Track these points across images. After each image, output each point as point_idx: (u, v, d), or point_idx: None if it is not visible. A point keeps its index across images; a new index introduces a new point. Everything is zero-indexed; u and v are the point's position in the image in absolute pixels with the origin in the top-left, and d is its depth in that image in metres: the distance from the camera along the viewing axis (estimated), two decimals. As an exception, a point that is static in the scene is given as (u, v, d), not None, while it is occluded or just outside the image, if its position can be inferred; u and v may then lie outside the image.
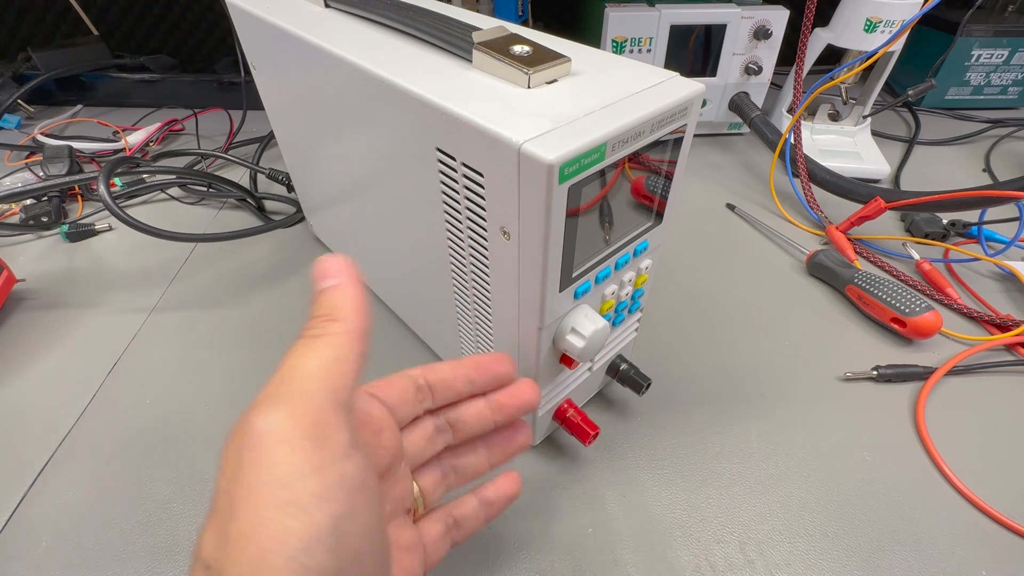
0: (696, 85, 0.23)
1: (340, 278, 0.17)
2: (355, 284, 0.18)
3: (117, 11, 0.84)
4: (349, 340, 0.16)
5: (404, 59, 0.26)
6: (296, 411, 0.15)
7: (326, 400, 0.15)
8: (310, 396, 0.15)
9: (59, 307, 0.46)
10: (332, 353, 0.16)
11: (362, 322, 0.17)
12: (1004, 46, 0.75)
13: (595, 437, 0.32)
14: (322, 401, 0.15)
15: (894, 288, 0.42)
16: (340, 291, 0.17)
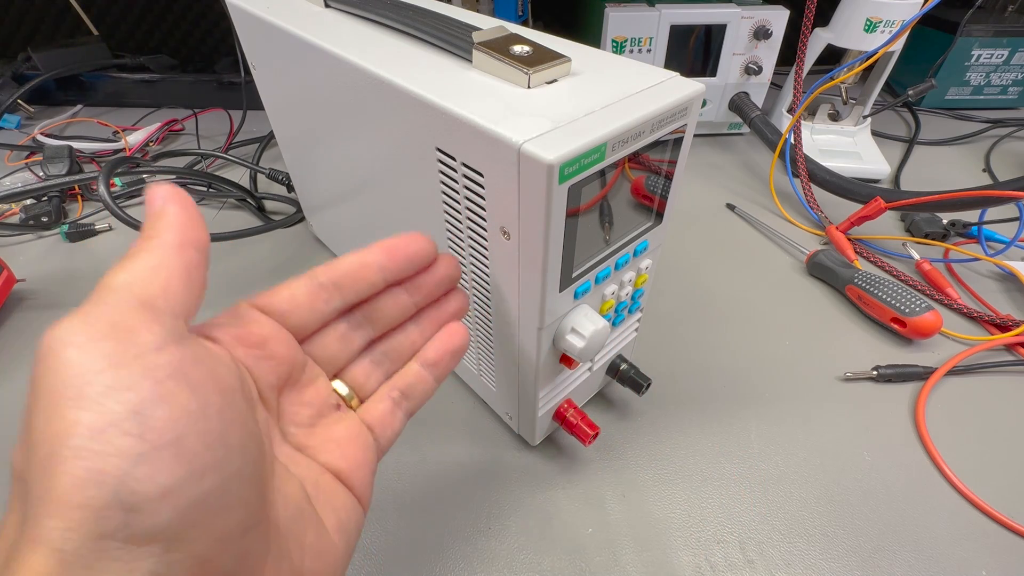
0: (696, 85, 0.23)
1: (163, 201, 0.17)
2: (177, 202, 0.17)
3: (117, 11, 0.84)
4: (164, 252, 0.16)
5: (404, 59, 0.26)
6: (89, 318, 0.14)
7: (128, 305, 0.14)
8: (108, 303, 0.14)
9: (59, 307, 0.46)
10: (143, 264, 0.16)
11: (181, 235, 0.16)
12: (1004, 46, 0.75)
13: (595, 437, 0.32)
14: (123, 305, 0.14)
15: (894, 288, 0.42)
16: (158, 210, 0.17)
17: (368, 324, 0.22)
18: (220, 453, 0.14)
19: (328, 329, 0.22)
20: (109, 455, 0.12)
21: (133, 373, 0.13)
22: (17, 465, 0.14)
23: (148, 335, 0.14)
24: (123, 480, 0.12)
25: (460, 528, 0.31)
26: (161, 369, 0.14)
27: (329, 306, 0.21)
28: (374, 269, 0.22)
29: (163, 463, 0.13)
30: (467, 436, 0.36)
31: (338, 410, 0.21)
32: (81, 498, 0.12)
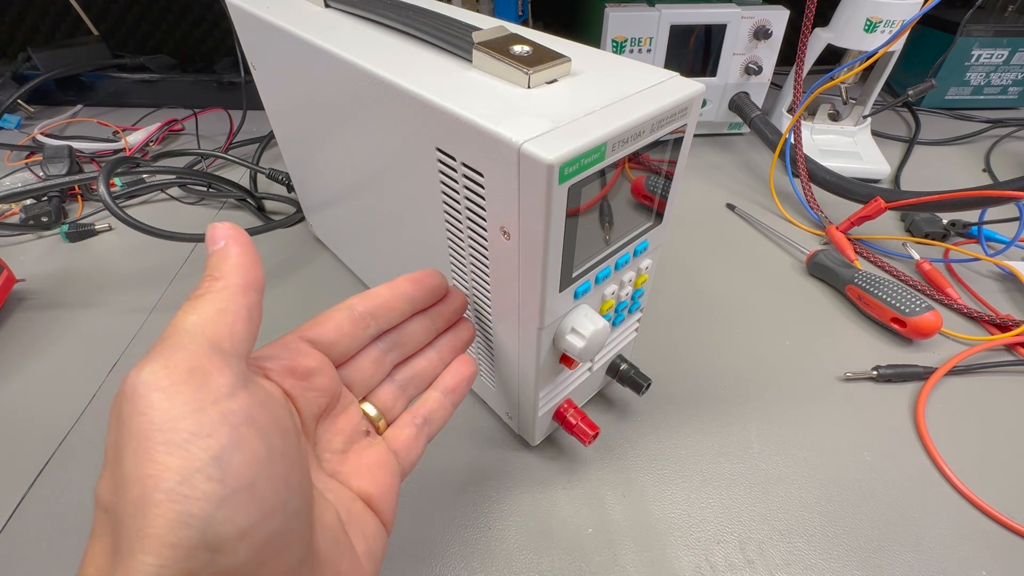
0: (696, 85, 0.23)
1: (225, 241, 0.18)
2: (239, 244, 0.18)
3: (117, 11, 0.84)
4: (230, 295, 0.17)
5: (404, 59, 0.26)
6: (170, 361, 0.15)
7: (203, 349, 0.15)
8: (185, 347, 0.15)
9: (59, 307, 0.46)
10: (212, 308, 0.16)
11: (244, 278, 0.18)
12: (1004, 46, 0.75)
13: (595, 437, 0.32)
14: (198, 350, 0.15)
15: (894, 288, 0.42)
16: (222, 251, 0.18)
17: (397, 348, 0.24)
18: (284, 494, 0.15)
19: (363, 354, 0.23)
20: (196, 499, 0.13)
21: (212, 419, 0.14)
22: (104, 499, 0.15)
23: (221, 379, 0.15)
24: (208, 522, 0.13)
25: (460, 528, 0.31)
26: (235, 415, 0.15)
27: (367, 333, 0.23)
28: (404, 299, 0.24)
29: (241, 506, 0.14)
30: (467, 436, 0.36)
31: (367, 436, 0.23)
32: (174, 538, 0.13)
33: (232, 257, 0.18)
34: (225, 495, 0.14)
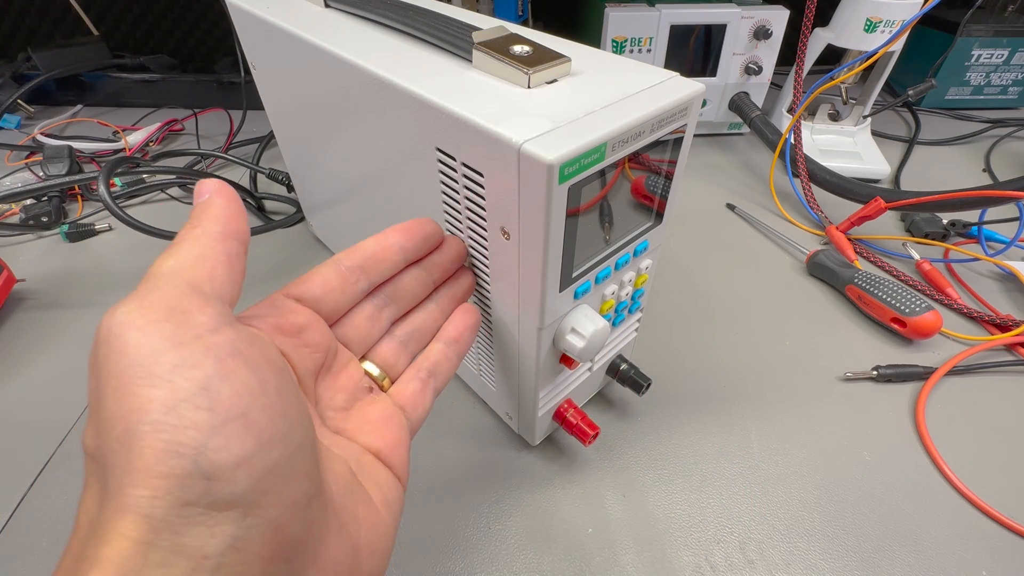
0: (696, 85, 0.23)
1: (209, 195, 0.18)
2: (223, 196, 0.18)
3: (117, 11, 0.84)
4: (209, 241, 0.17)
5: (404, 59, 0.26)
6: (145, 301, 0.14)
7: (181, 289, 0.15)
8: (162, 288, 0.15)
9: (59, 307, 0.46)
10: (190, 253, 0.16)
11: (224, 226, 0.17)
12: (1004, 46, 0.75)
13: (595, 437, 0.32)
14: (176, 290, 0.15)
15: (894, 288, 0.42)
16: (205, 203, 0.18)
17: (393, 303, 0.24)
18: (282, 427, 0.15)
19: (356, 310, 0.23)
20: (186, 428, 0.13)
21: (195, 352, 0.14)
22: (89, 445, 0.14)
23: (203, 317, 0.15)
24: (201, 451, 0.13)
25: (460, 527, 0.31)
26: (220, 348, 0.14)
27: (357, 287, 0.22)
28: (394, 250, 0.23)
29: (235, 435, 0.13)
30: (467, 436, 0.36)
31: (371, 392, 0.22)
32: (164, 468, 0.13)
33: (214, 207, 0.18)
34: (216, 423, 0.13)
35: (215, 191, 0.18)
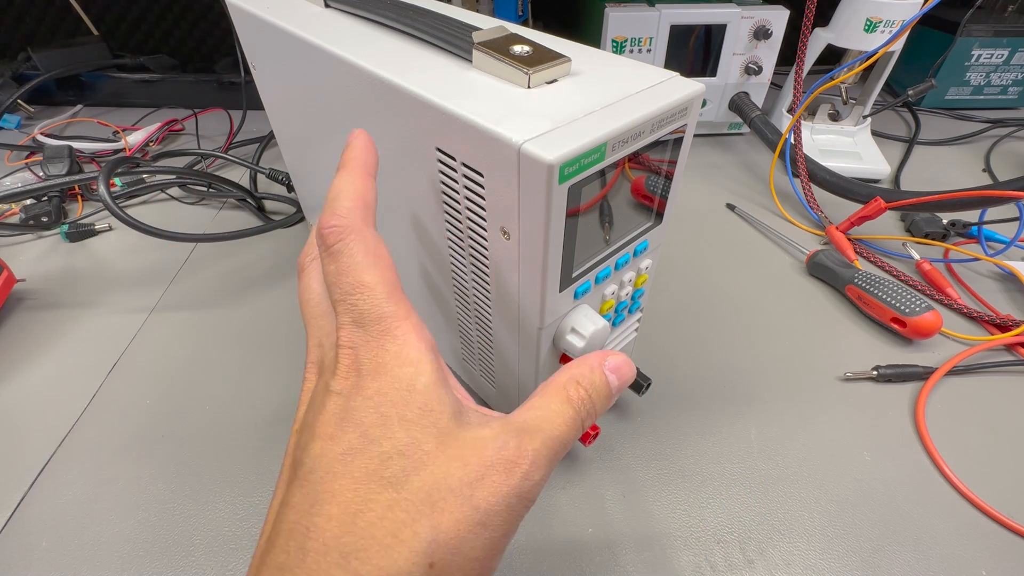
0: (696, 85, 0.23)
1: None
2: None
3: (117, 11, 0.84)
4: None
5: (404, 59, 0.26)
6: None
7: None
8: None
9: (59, 307, 0.46)
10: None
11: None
12: (1004, 46, 0.75)
13: (595, 437, 0.32)
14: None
15: (894, 288, 0.42)
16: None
17: None
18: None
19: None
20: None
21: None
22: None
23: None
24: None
25: (460, 528, 0.31)
26: None
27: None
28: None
29: None
30: (467, 436, 0.36)
31: None
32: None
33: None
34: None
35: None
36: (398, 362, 0.17)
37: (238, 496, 0.32)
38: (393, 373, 0.17)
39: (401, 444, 0.16)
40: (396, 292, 0.18)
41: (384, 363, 0.17)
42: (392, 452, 0.16)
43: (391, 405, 0.16)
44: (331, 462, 0.16)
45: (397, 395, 0.16)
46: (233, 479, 0.33)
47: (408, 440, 0.16)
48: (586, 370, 0.20)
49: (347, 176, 0.20)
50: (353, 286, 0.17)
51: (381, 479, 0.15)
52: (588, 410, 0.19)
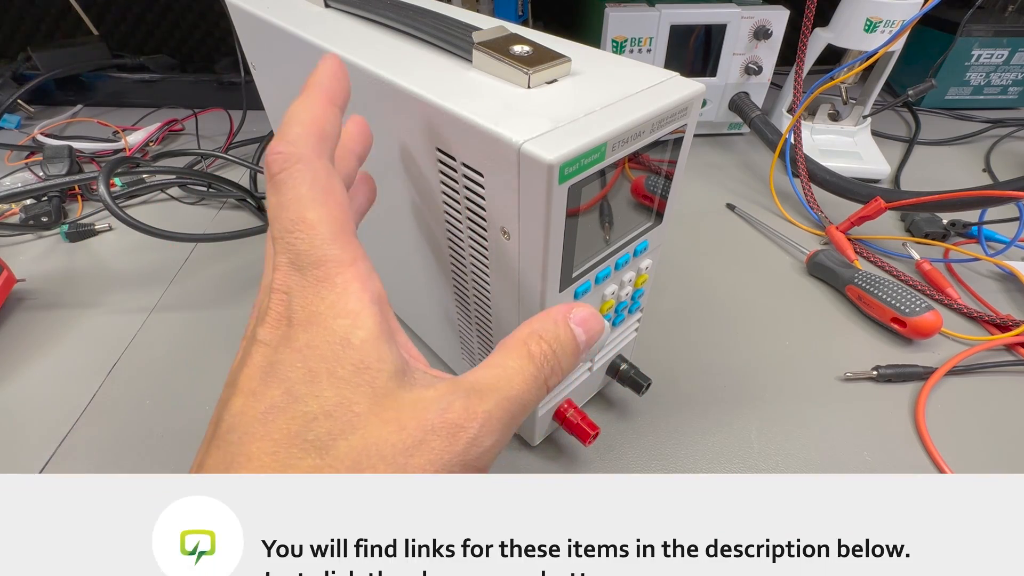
0: (696, 85, 0.23)
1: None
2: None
3: (117, 11, 0.84)
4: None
5: (404, 59, 0.26)
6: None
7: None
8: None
9: (59, 307, 0.46)
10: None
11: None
12: (1004, 46, 0.75)
13: (595, 437, 0.32)
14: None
15: (894, 288, 0.42)
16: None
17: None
18: None
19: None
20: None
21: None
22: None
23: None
24: None
25: (460, 528, 0.31)
26: None
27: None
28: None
29: None
30: (467, 436, 0.36)
31: None
32: None
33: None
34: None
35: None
36: (333, 312, 0.15)
37: (238, 496, 0.32)
38: (326, 324, 0.15)
39: (329, 404, 0.14)
40: (343, 234, 0.16)
41: (318, 312, 0.15)
42: (318, 412, 0.14)
43: (321, 360, 0.15)
44: (251, 421, 0.14)
45: (328, 349, 0.15)
46: (233, 479, 0.33)
47: (337, 400, 0.14)
48: (549, 323, 0.18)
49: (304, 101, 0.18)
50: (293, 222, 0.16)
51: (304, 442, 0.14)
52: (552, 367, 0.18)
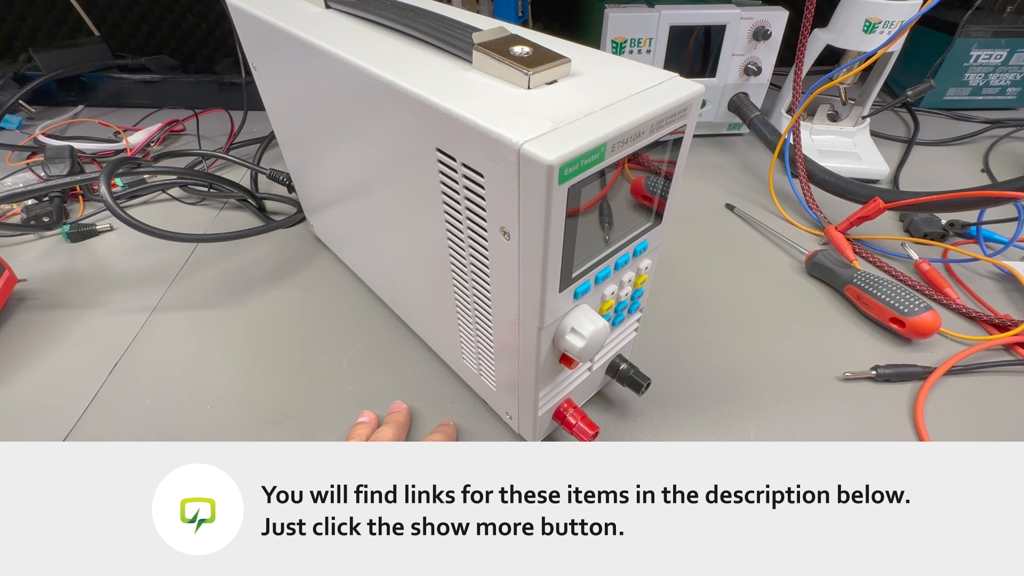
0: (695, 86, 0.23)
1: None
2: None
3: (118, 12, 0.85)
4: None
5: (404, 60, 0.26)
6: None
7: None
8: None
9: (60, 307, 0.46)
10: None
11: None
12: (1003, 47, 0.75)
13: (595, 437, 0.32)
14: None
15: (893, 288, 0.42)
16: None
17: None
18: None
19: None
20: None
21: None
22: None
23: None
24: None
25: (460, 527, 0.31)
26: None
27: None
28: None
29: None
30: (467, 436, 0.36)
31: None
32: None
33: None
34: None
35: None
36: None
37: (239, 495, 0.33)
38: None
39: None
40: None
41: None
42: None
43: None
44: None
45: None
46: (234, 478, 0.33)
47: None
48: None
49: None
50: None
51: None
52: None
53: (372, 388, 0.39)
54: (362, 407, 0.37)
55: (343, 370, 0.40)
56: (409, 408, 0.37)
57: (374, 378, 0.40)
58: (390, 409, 0.37)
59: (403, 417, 0.36)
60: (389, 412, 0.37)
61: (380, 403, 0.37)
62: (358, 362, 0.41)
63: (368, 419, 0.36)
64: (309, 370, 0.40)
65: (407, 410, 0.37)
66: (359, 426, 0.35)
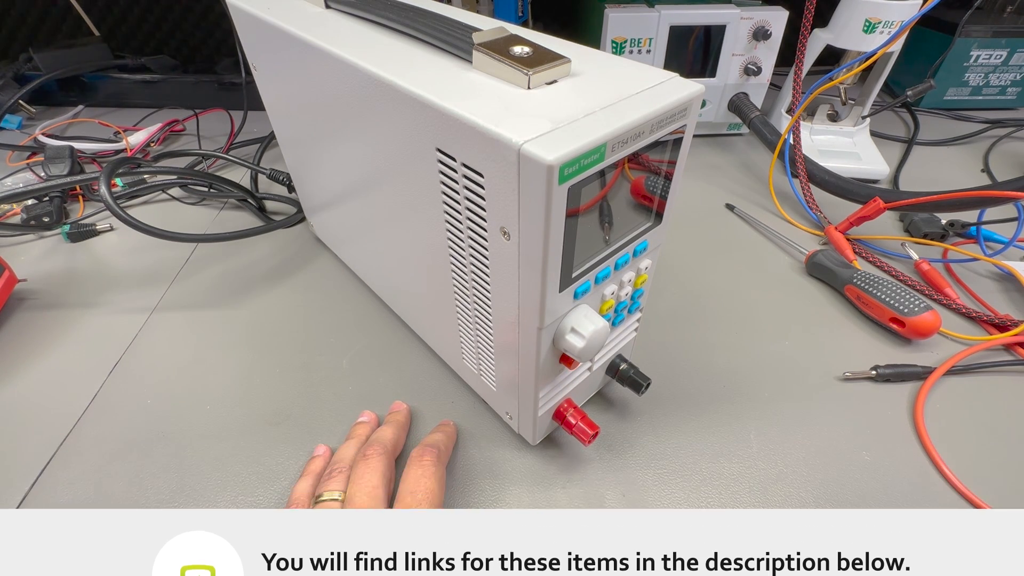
0: (695, 86, 0.23)
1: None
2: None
3: (118, 12, 0.85)
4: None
5: (404, 60, 0.26)
6: None
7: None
8: None
9: (60, 307, 0.46)
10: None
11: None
12: (1003, 47, 0.75)
13: (595, 437, 0.32)
14: None
15: (893, 288, 0.42)
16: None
17: None
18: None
19: None
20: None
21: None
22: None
23: None
24: None
25: (460, 527, 0.31)
26: None
27: None
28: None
29: None
30: (467, 435, 0.36)
31: None
32: None
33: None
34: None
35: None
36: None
37: (239, 496, 0.33)
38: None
39: None
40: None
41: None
42: None
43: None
44: None
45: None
46: (234, 479, 0.33)
47: None
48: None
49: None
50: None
51: None
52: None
53: (372, 388, 0.39)
54: (362, 407, 0.37)
55: (343, 370, 0.40)
56: (409, 408, 0.37)
57: (374, 378, 0.40)
58: (390, 409, 0.37)
59: (403, 417, 0.36)
60: (389, 412, 0.36)
61: (380, 403, 0.37)
62: (358, 362, 0.41)
63: (368, 419, 0.36)
64: (309, 370, 0.41)
65: (407, 410, 0.37)
66: (359, 426, 0.35)
